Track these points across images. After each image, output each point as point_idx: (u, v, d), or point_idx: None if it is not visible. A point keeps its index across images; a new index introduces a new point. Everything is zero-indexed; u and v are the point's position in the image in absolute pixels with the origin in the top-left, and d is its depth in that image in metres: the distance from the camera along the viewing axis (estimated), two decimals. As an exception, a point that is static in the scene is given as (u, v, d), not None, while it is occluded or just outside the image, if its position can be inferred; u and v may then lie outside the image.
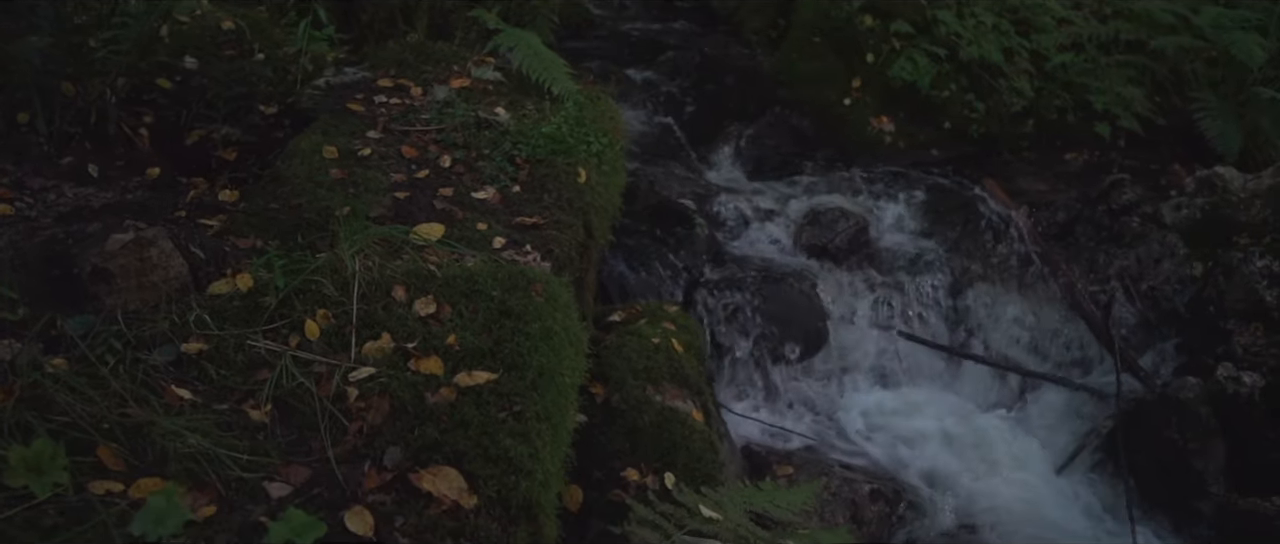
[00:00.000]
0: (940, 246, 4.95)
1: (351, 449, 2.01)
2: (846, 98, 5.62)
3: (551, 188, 3.05)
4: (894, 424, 4.36)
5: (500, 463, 1.99)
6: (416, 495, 1.92)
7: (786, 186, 5.21)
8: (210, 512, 1.82)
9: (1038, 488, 4.15)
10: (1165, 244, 4.73)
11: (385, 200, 2.80)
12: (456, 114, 3.26)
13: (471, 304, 2.36)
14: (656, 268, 4.50)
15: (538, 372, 2.20)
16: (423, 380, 2.15)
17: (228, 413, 2.03)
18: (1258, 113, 5.32)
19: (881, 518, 3.82)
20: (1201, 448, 3.95)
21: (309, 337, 2.21)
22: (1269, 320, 4.30)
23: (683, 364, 3.46)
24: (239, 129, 3.22)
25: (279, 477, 1.92)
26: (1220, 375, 4.01)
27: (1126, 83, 5.70)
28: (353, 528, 1.84)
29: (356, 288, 2.30)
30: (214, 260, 2.36)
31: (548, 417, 2.14)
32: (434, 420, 2.05)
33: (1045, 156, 5.61)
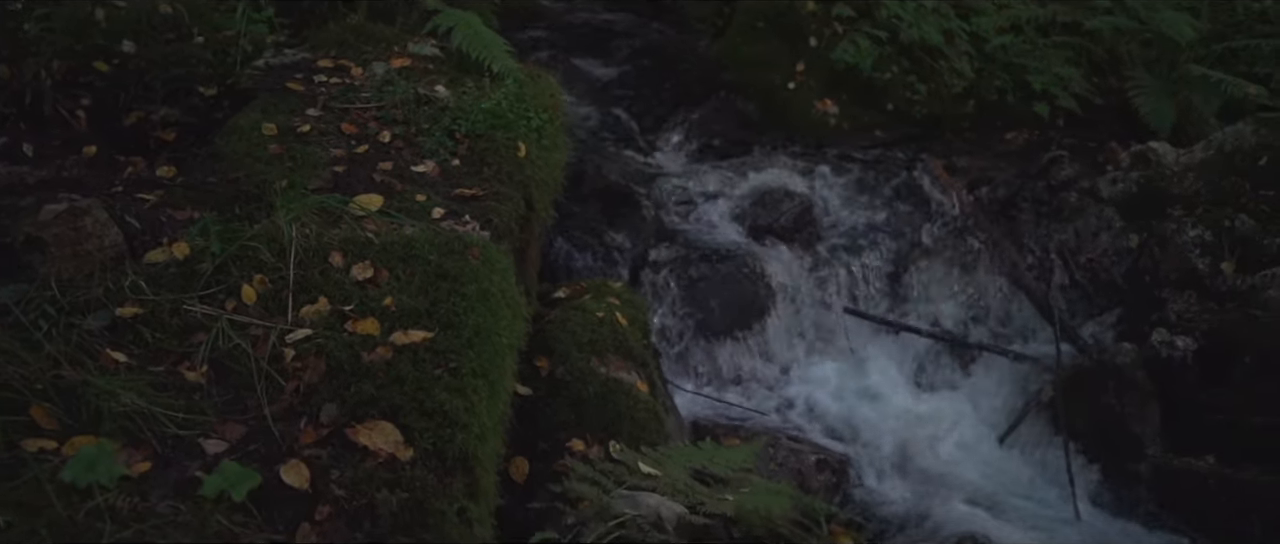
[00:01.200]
0: (884, 225, 5.02)
1: (288, 407, 2.03)
2: (791, 81, 5.68)
3: (491, 161, 3.08)
4: (840, 397, 4.42)
5: (436, 417, 2.02)
6: (353, 449, 1.94)
7: (732, 169, 5.26)
8: (145, 468, 1.83)
9: (982, 454, 4.22)
10: (1102, 217, 4.82)
11: (324, 174, 2.82)
12: (397, 91, 3.28)
13: (408, 268, 2.39)
14: (602, 249, 4.54)
15: (474, 331, 2.23)
16: (359, 340, 2.17)
17: (163, 375, 2.04)
18: (1189, 90, 5.45)
19: (828, 487, 3.87)
20: (1138, 411, 4.03)
21: (245, 301, 2.23)
22: (1201, 288, 4.40)
23: (627, 337, 3.49)
24: (178, 110, 3.21)
25: (215, 434, 1.94)
26: (1155, 340, 4.10)
27: (1064, 63, 5.81)
28: (289, 481, 1.86)
29: (293, 254, 2.31)
30: (150, 230, 2.37)
31: (484, 374, 2.17)
32: (370, 377, 2.08)
33: (986, 136, 5.70)
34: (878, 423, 4.31)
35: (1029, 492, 4.06)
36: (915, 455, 4.17)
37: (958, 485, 4.04)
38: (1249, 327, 3.96)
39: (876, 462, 4.13)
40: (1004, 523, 3.82)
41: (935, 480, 4.06)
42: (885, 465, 4.12)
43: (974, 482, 4.08)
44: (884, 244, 4.91)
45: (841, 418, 4.32)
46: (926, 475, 4.09)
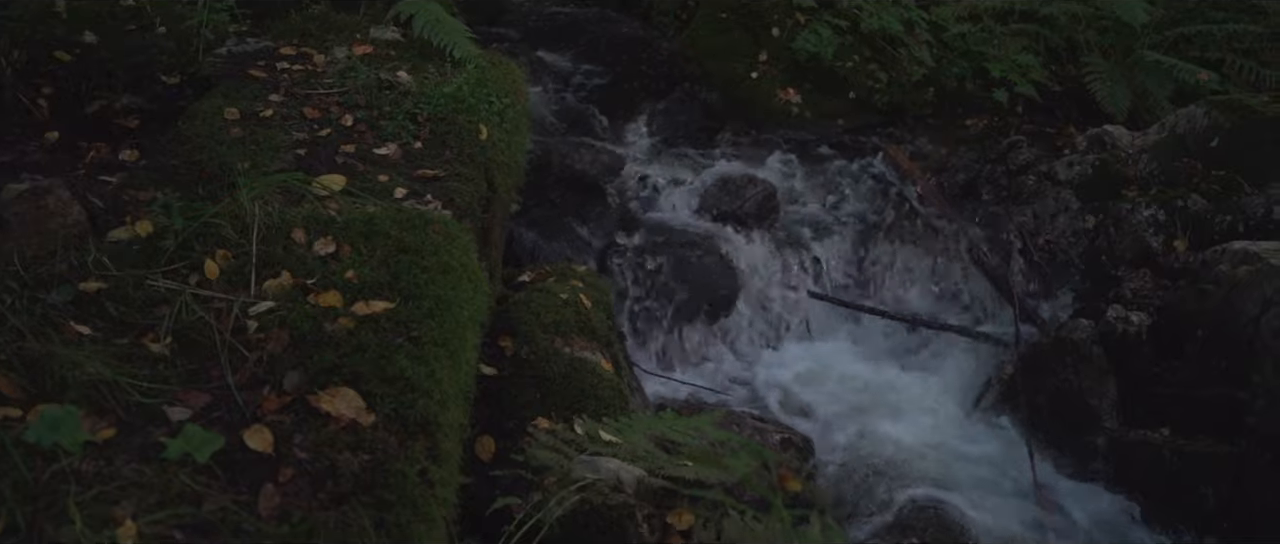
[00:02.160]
0: (846, 210, 5.10)
1: (251, 376, 2.06)
2: (754, 71, 5.74)
3: (453, 144, 3.12)
4: (805, 378, 4.49)
5: (397, 383, 2.06)
6: (315, 415, 1.98)
7: (697, 157, 5.33)
8: (110, 434, 1.86)
9: (944, 432, 4.29)
10: (1060, 200, 4.91)
11: (287, 156, 2.85)
12: (359, 77, 3.32)
13: (370, 243, 2.42)
14: (568, 236, 4.59)
15: (435, 302, 2.27)
16: (321, 312, 2.20)
17: (127, 346, 2.07)
18: (1144, 74, 5.55)
19: (793, 464, 3.93)
20: (1095, 386, 4.11)
21: (208, 276, 2.26)
22: (1155, 265, 4.49)
23: (591, 318, 3.54)
24: (141, 98, 3.23)
25: (179, 402, 1.97)
26: (1110, 317, 4.18)
27: (1022, 51, 5.92)
28: (252, 445, 1.89)
29: (256, 230, 2.35)
30: (113, 210, 2.40)
31: (445, 343, 2.21)
32: (332, 346, 2.11)
33: (947, 123, 5.79)
34: (841, 402, 4.38)
35: (990, 465, 4.13)
36: (879, 433, 4.23)
37: (921, 461, 4.10)
38: (1200, 301, 4.04)
39: (841, 439, 4.19)
40: (965, 495, 3.89)
41: (899, 456, 4.12)
42: (849, 443, 4.18)
43: (937, 457, 4.14)
44: (847, 228, 4.99)
45: (805, 398, 4.39)
46: (890, 452, 4.15)
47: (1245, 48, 5.93)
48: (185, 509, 1.70)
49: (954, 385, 4.51)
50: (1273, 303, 3.76)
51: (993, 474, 4.08)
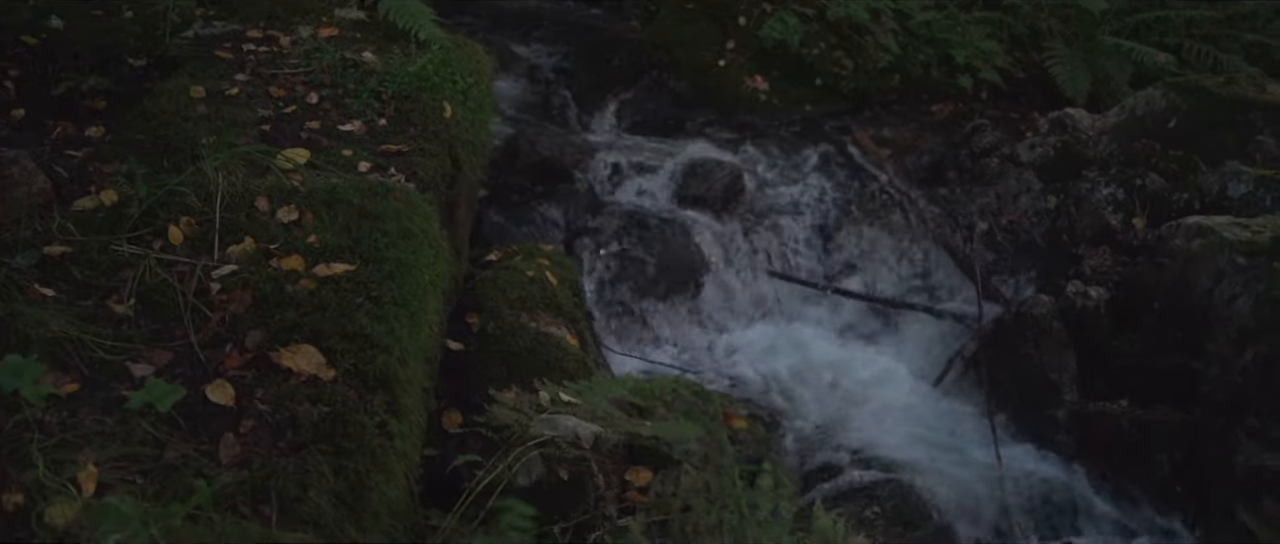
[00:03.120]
0: (813, 193, 5.16)
1: (214, 335, 2.10)
2: (722, 59, 5.80)
3: (417, 121, 3.17)
4: (771, 357, 4.55)
5: (357, 339, 2.11)
6: (276, 370, 2.02)
7: (665, 144, 5.37)
8: (74, 388, 1.90)
9: (908, 407, 4.36)
10: (1022, 181, 4.99)
11: (252, 132, 2.89)
12: (324, 57, 3.36)
13: (332, 210, 2.47)
14: (537, 220, 4.64)
15: (395, 264, 2.32)
16: (284, 274, 2.25)
17: (92, 307, 2.11)
18: (1103, 58, 5.65)
19: (759, 439, 3.99)
20: (1055, 359, 4.18)
21: (172, 242, 2.30)
22: (1115, 243, 4.58)
23: (557, 294, 3.59)
24: (107, 80, 3.27)
25: (143, 359, 2.01)
26: (1070, 292, 4.26)
27: (986, 38, 6.00)
28: (214, 398, 1.94)
29: (219, 199, 2.39)
30: (78, 181, 2.44)
31: (405, 303, 2.26)
32: (294, 306, 2.16)
33: (912, 109, 5.86)
34: (807, 379, 4.44)
35: (953, 439, 4.20)
36: (844, 408, 4.30)
37: (885, 435, 4.17)
38: (1157, 274, 4.13)
39: (806, 415, 4.25)
40: (928, 467, 3.95)
41: (863, 431, 4.19)
42: (815, 418, 4.24)
43: (901, 431, 4.21)
44: (813, 211, 5.06)
45: (772, 376, 4.44)
46: (855, 426, 4.22)
47: (1203, 34, 6.05)
48: (147, 456, 1.74)
49: (918, 362, 4.57)
50: (1225, 274, 3.85)
51: (955, 446, 4.15)
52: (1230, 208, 4.43)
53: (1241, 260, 3.84)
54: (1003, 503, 3.85)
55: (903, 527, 3.67)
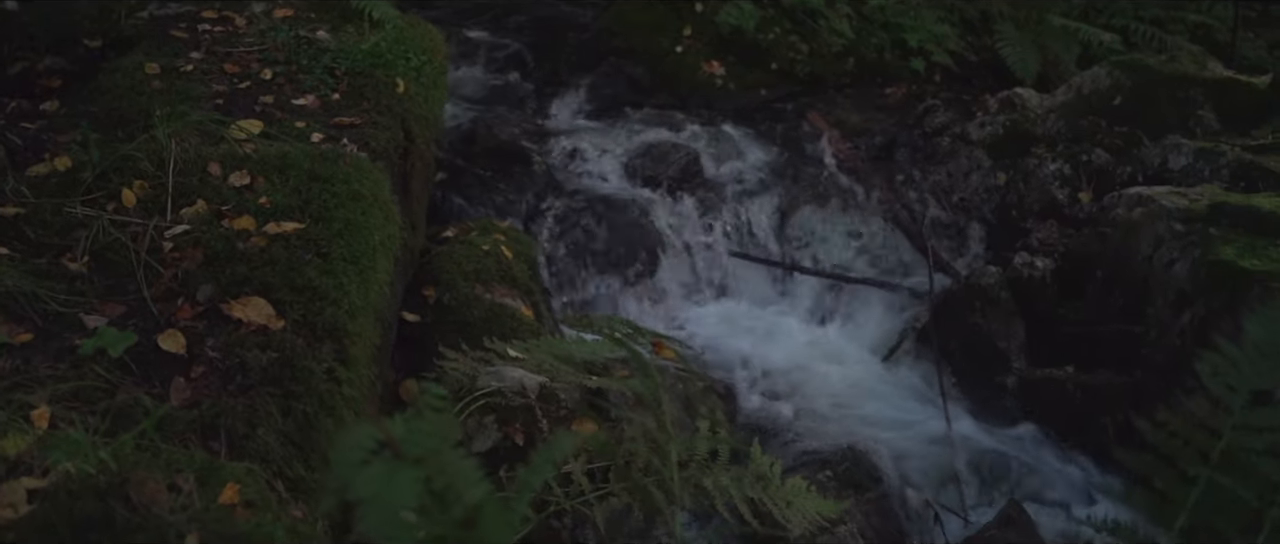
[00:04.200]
0: (769, 174, 5.25)
1: (166, 289, 2.16)
2: (678, 45, 5.89)
3: (370, 96, 3.23)
4: (728, 332, 4.62)
5: (306, 292, 2.17)
6: (227, 321, 2.08)
7: (622, 127, 5.45)
8: (28, 338, 1.95)
9: (862, 378, 4.45)
10: (972, 158, 5.10)
11: (206, 105, 2.95)
12: (279, 35, 3.42)
13: (283, 174, 2.53)
14: (495, 201, 4.70)
15: (344, 223, 2.38)
16: (235, 233, 2.31)
17: (45, 265, 2.17)
18: (1052, 40, 5.78)
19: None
20: (1003, 328, 4.28)
21: (125, 204, 2.36)
22: (1061, 216, 4.69)
23: (512, 268, 3.66)
24: (63, 60, 3.31)
25: (96, 312, 2.07)
26: (1017, 262, 4.36)
27: (938, 22, 6.12)
28: (166, 347, 2.00)
29: (172, 165, 2.44)
30: (32, 148, 2.48)
31: (355, 260, 2.33)
32: (245, 261, 2.22)
33: (866, 92, 5.97)
34: (764, 353, 4.52)
35: (906, 407, 4.29)
36: (800, 380, 4.38)
37: (840, 405, 4.25)
38: (1100, 244, 4.24)
39: (763, 387, 4.33)
40: (881, 434, 4.04)
41: (819, 402, 4.27)
42: (771, 390, 4.32)
43: (855, 401, 4.30)
44: (769, 191, 5.14)
45: (729, 350, 4.52)
46: (811, 398, 4.29)
47: (1151, 16, 6.19)
48: (99, 396, 1.80)
49: (872, 335, 4.66)
50: (1163, 240, 3.96)
51: (907, 414, 4.24)
52: (1171, 179, 4.55)
53: (1179, 227, 3.95)
54: (952, 466, 3.94)
55: (854, 489, 3.74)
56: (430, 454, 0.97)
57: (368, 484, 0.89)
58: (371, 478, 0.90)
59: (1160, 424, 1.46)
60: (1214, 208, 4.00)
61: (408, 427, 1.00)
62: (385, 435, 0.98)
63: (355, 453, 0.94)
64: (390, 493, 0.88)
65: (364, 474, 0.90)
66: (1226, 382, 1.44)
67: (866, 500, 3.77)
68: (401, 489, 0.88)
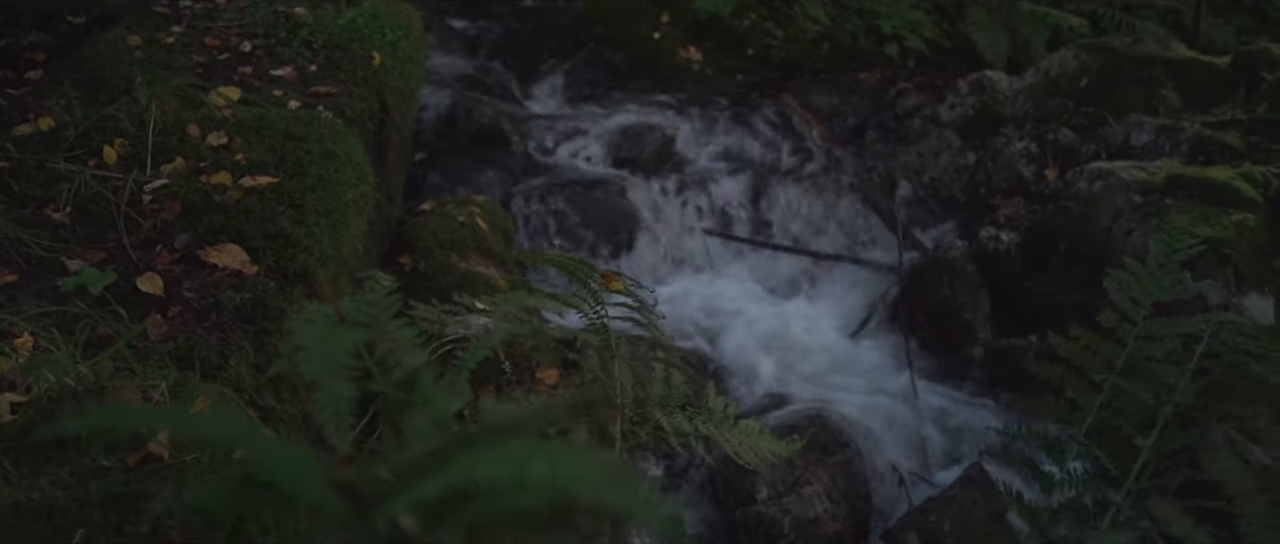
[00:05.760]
0: (743, 155, 5.36)
1: (145, 238, 2.26)
2: (656, 31, 6.00)
3: (346, 68, 3.33)
4: (701, 308, 4.72)
5: (279, 239, 2.27)
6: (203, 266, 2.18)
7: (600, 111, 5.56)
8: (12, 279, 2.05)
9: (834, 349, 4.55)
10: (943, 139, 5.21)
11: (186, 75, 3.04)
12: (258, 11, 3.52)
13: (260, 135, 2.63)
14: (473, 181, 4.80)
15: (316, 179, 2.48)
16: (212, 188, 2.41)
17: (29, 215, 2.26)
18: (1022, 24, 5.90)
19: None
20: (970, 300, 4.39)
21: (107, 160, 2.46)
22: (1028, 193, 4.80)
23: (487, 239, 3.76)
24: (48, 36, 3.40)
25: (78, 257, 2.16)
26: (983, 236, 4.48)
27: (912, 8, 6.24)
28: (144, 288, 2.10)
29: (152, 125, 2.54)
30: (17, 110, 2.58)
31: (327, 213, 2.43)
32: (221, 212, 2.32)
33: (841, 77, 6.08)
34: (737, 327, 4.62)
35: (875, 378, 4.39)
36: (772, 353, 4.48)
37: (811, 376, 4.36)
38: (1063, 217, 4.35)
39: (735, 359, 4.42)
40: (850, 402, 4.14)
41: (790, 373, 4.37)
42: (744, 362, 4.41)
43: (826, 373, 4.40)
44: (743, 172, 5.25)
45: (703, 325, 4.62)
46: (782, 369, 4.40)
47: (1121, 2, 6.32)
48: (80, 329, 1.90)
49: (843, 310, 4.76)
50: (1123, 212, 4.08)
51: (876, 384, 4.34)
52: (1133, 155, 4.67)
53: (1137, 198, 4.07)
54: (918, 431, 4.05)
55: (820, 452, 3.85)
56: (372, 321, 1.07)
57: (310, 335, 0.98)
58: (314, 332, 1.00)
59: (1073, 338, 1.56)
60: (1171, 179, 4.12)
61: (353, 302, 1.11)
62: (333, 306, 1.08)
63: (305, 319, 1.05)
64: (330, 344, 0.98)
65: (308, 328, 1.00)
66: (1130, 296, 1.55)
67: (833, 464, 3.87)
68: (340, 343, 0.98)
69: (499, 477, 0.54)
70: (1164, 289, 1.52)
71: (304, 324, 1.02)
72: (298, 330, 1.01)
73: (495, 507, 0.58)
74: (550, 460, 0.53)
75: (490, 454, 0.56)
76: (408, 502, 0.57)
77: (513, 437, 0.57)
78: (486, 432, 0.58)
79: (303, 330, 1.00)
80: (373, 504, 0.57)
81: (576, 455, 0.53)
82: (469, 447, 0.58)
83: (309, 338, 0.98)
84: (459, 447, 0.58)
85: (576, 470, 0.52)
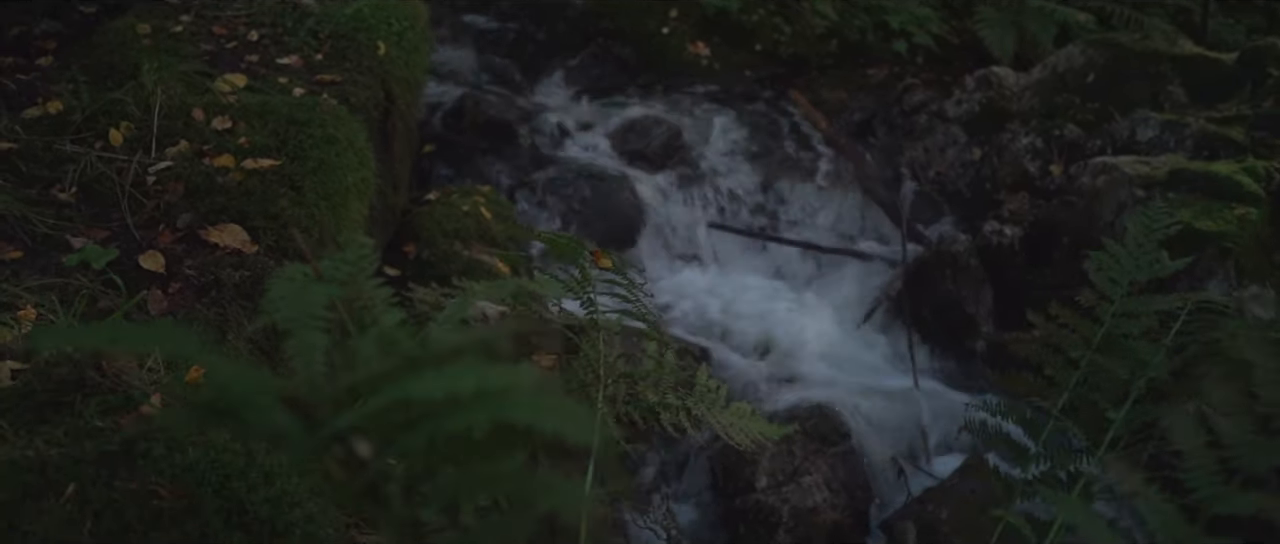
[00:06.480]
0: (749, 149, 5.39)
1: (149, 218, 2.30)
2: (665, 27, 6.03)
3: (352, 57, 3.38)
4: (705, 300, 4.75)
5: (278, 219, 2.31)
6: (204, 245, 2.23)
7: (609, 106, 5.60)
8: (18, 255, 2.10)
9: (836, 343, 4.57)
10: (949, 135, 5.23)
11: (193, 62, 3.09)
12: (266, 0, 3.57)
13: (263, 120, 2.67)
14: (481, 171, 4.84)
15: (318, 162, 2.52)
16: (215, 170, 2.45)
17: (35, 194, 2.31)
18: (1029, 21, 5.90)
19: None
20: (973, 293, 4.41)
21: (112, 142, 2.50)
22: (1033, 188, 4.82)
23: (491, 228, 3.80)
24: (59, 24, 3.46)
25: (82, 234, 2.21)
26: (986, 230, 4.49)
27: (921, 4, 6.26)
28: (146, 266, 2.14)
29: (158, 109, 2.59)
30: (26, 93, 2.63)
31: (327, 196, 2.47)
32: (223, 193, 2.36)
33: (848, 73, 6.10)
34: (741, 320, 4.64)
35: (877, 371, 4.42)
36: (775, 346, 4.51)
37: (813, 369, 4.38)
38: (1067, 212, 4.37)
39: (737, 352, 4.45)
40: (851, 394, 4.16)
41: (793, 365, 4.39)
42: (747, 354, 4.45)
43: (828, 366, 4.42)
44: (749, 166, 5.28)
45: (706, 318, 4.65)
46: (785, 362, 4.42)
47: (1132, 0, 6.32)
48: (82, 304, 1.94)
49: (847, 303, 4.78)
50: (1126, 205, 4.09)
51: (878, 376, 4.36)
52: (1138, 150, 4.67)
53: (1140, 192, 4.08)
54: (919, 423, 4.07)
55: (820, 442, 3.88)
56: (349, 279, 1.11)
57: (285, 288, 1.02)
58: (289, 285, 1.03)
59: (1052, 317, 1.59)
60: (1174, 174, 4.13)
61: (331, 261, 1.14)
62: (311, 265, 1.12)
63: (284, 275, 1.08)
64: (304, 296, 1.01)
65: (284, 283, 1.04)
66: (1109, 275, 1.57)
67: (832, 454, 3.90)
68: (314, 296, 1.02)
69: (432, 393, 0.57)
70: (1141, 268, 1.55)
71: (282, 280, 1.05)
72: (276, 285, 1.04)
73: (439, 429, 0.61)
74: (481, 376, 0.56)
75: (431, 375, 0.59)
76: (352, 418, 0.60)
77: (455, 360, 0.60)
78: (431, 356, 0.62)
79: (280, 285, 1.03)
80: (321, 420, 0.60)
81: (509, 372, 0.56)
82: (413, 369, 0.61)
83: (284, 291, 1.02)
84: (404, 369, 0.62)
85: (506, 384, 0.55)
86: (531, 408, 0.57)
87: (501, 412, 0.57)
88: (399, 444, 0.63)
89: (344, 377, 0.63)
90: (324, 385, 0.64)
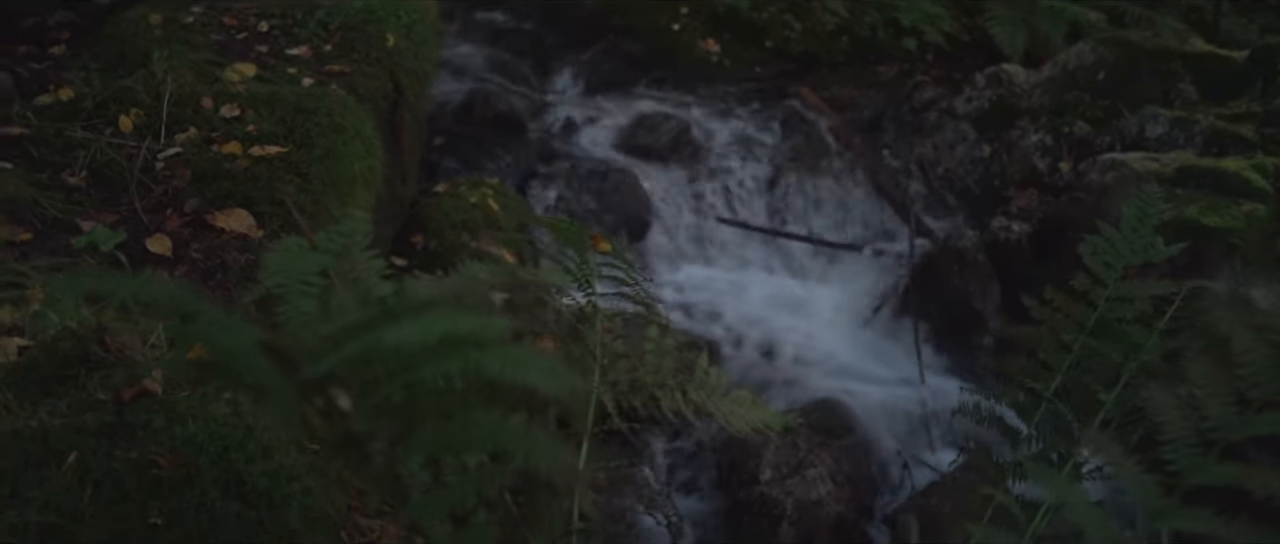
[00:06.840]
0: (758, 145, 5.39)
1: (156, 203, 2.34)
2: (676, 23, 6.04)
3: (361, 48, 3.41)
4: (713, 295, 4.76)
5: (285, 205, 2.34)
6: (211, 229, 2.26)
7: (619, 101, 5.61)
8: (28, 238, 2.13)
9: (843, 338, 4.58)
10: (958, 132, 5.23)
11: (203, 52, 3.13)
12: (277, -7, 3.61)
13: (271, 108, 2.70)
14: (490, 165, 4.87)
15: (325, 150, 2.55)
16: (223, 156, 2.48)
17: (46, 179, 2.34)
18: (1040, 19, 5.90)
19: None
20: (980, 289, 4.41)
21: (122, 129, 2.54)
22: (1042, 184, 4.82)
23: (499, 220, 3.83)
24: (73, 14, 3.49)
25: (91, 218, 2.24)
26: (994, 226, 4.50)
27: (932, 3, 6.26)
28: (153, 249, 2.17)
29: (167, 96, 2.62)
30: (39, 81, 2.67)
31: (333, 184, 2.50)
32: (230, 179, 2.39)
33: (859, 70, 6.10)
34: (748, 314, 4.66)
35: (883, 365, 4.42)
36: (782, 339, 4.51)
37: (820, 362, 4.39)
38: (1076, 208, 4.36)
39: (746, 345, 4.47)
40: (857, 388, 4.18)
41: (800, 358, 4.41)
42: (754, 348, 4.46)
43: (835, 359, 4.43)
44: (758, 161, 5.28)
45: (713, 311, 4.66)
46: (792, 355, 4.43)
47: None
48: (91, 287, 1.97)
49: (855, 298, 4.79)
50: (1133, 201, 4.09)
51: (885, 371, 4.37)
52: (1147, 147, 4.67)
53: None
54: (925, 418, 4.08)
55: (825, 435, 3.89)
56: (343, 250, 1.13)
57: (279, 257, 1.04)
58: (284, 254, 1.05)
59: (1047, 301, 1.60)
60: (1182, 170, 4.13)
61: (326, 233, 1.16)
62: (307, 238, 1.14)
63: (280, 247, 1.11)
64: (297, 264, 1.03)
65: (279, 252, 1.06)
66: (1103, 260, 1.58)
67: (837, 447, 3.91)
68: (306, 264, 1.04)
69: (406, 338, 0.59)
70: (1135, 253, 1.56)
71: (278, 250, 1.07)
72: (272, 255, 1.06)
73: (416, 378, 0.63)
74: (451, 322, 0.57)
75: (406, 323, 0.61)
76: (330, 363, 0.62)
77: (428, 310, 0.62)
78: (407, 306, 0.64)
79: (276, 255, 1.05)
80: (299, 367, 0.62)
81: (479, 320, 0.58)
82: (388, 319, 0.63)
83: (277, 259, 1.04)
84: (380, 319, 0.64)
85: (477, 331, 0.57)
86: (503, 357, 0.59)
87: (473, 361, 0.58)
88: (379, 395, 0.65)
89: (323, 326, 0.65)
90: (304, 335, 0.65)
